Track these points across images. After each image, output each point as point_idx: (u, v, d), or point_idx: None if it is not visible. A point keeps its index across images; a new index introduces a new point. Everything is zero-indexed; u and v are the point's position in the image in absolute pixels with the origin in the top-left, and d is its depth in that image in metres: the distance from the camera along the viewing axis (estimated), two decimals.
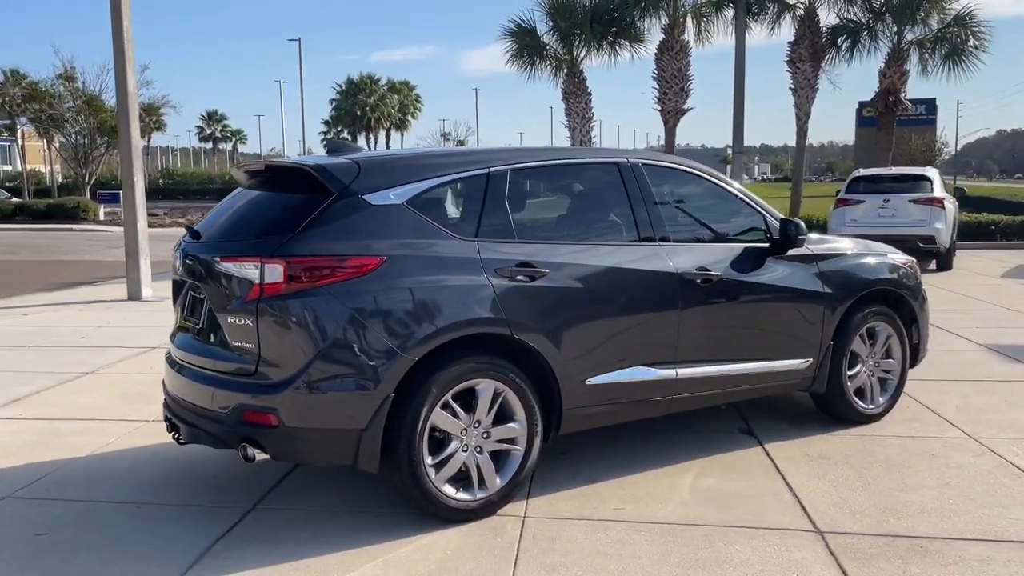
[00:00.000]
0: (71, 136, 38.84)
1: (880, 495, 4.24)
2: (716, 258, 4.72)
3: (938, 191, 14.13)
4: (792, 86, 19.66)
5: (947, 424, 5.42)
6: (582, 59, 19.43)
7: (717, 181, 5.03)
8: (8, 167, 72.73)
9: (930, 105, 46.31)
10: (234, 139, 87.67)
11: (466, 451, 3.92)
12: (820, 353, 5.13)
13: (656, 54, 19.51)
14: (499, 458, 4.05)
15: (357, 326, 3.64)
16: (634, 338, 4.39)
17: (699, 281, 4.57)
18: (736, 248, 4.89)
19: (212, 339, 3.95)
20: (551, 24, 19.20)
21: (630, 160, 4.66)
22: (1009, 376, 6.70)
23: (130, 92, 11.69)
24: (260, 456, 3.68)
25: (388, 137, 69.65)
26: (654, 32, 19.59)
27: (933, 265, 14.20)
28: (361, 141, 65.93)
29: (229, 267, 3.75)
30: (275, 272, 3.61)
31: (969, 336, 8.37)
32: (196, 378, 3.94)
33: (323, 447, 3.70)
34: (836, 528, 3.86)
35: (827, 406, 5.42)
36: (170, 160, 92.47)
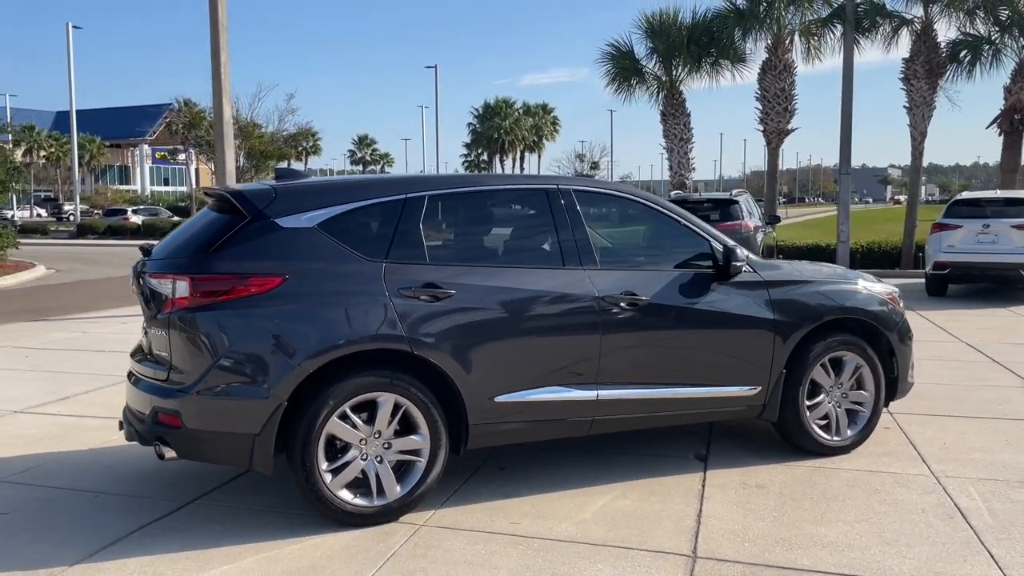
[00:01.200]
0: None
1: (786, 526, 4.18)
2: (647, 283, 4.77)
3: None
4: (907, 104, 18.76)
5: (918, 460, 5.20)
6: (681, 81, 19.32)
7: (657, 207, 5.08)
8: (183, 188, 79.35)
9: None
10: (382, 162, 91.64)
11: (365, 460, 4.18)
12: (770, 381, 5.06)
13: (759, 74, 19.12)
14: (402, 468, 4.28)
15: (253, 339, 4.00)
16: (549, 359, 4.52)
17: (624, 305, 4.65)
18: (671, 273, 4.92)
19: (150, 350, 4.40)
20: (650, 46, 19.23)
21: (560, 186, 4.81)
22: None
23: (225, 120, 12.70)
24: (169, 454, 4.08)
25: (522, 159, 70.94)
26: (757, 51, 19.27)
27: None
28: (497, 164, 67.39)
29: (154, 283, 4.20)
30: (182, 288, 4.02)
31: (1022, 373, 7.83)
32: (138, 385, 4.39)
33: (220, 448, 4.06)
34: (713, 555, 3.86)
35: (787, 436, 5.32)
36: None
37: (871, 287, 5.49)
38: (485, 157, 71.58)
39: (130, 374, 4.65)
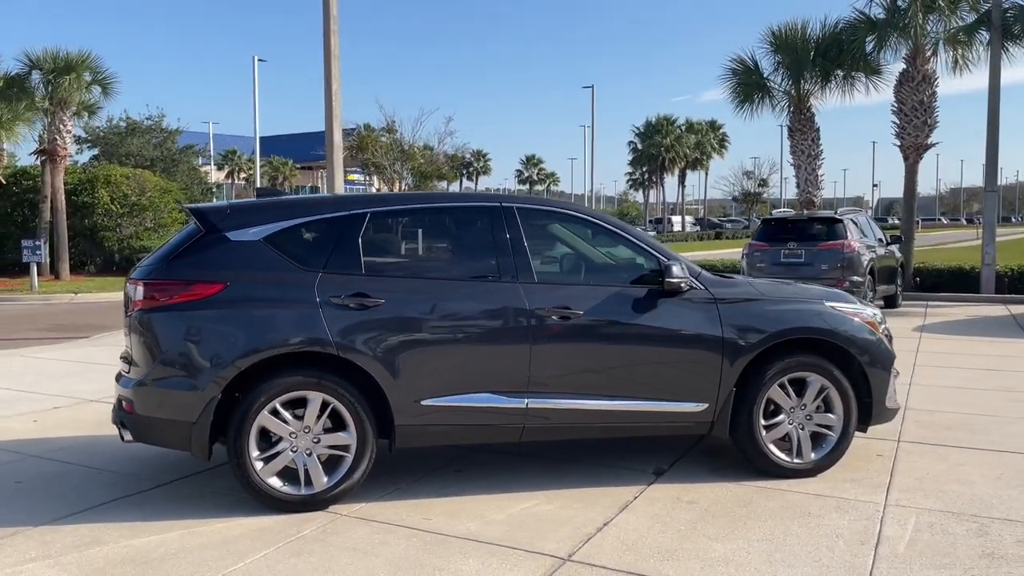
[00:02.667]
0: (388, 181, 44.14)
1: (683, 540, 4.22)
2: (583, 297, 4.92)
3: None
4: None
5: (882, 489, 5.00)
6: (810, 95, 18.63)
7: (603, 224, 5.21)
8: None
9: None
10: (548, 181, 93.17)
11: (295, 452, 4.61)
12: (718, 398, 5.04)
13: (895, 86, 18.10)
14: (331, 462, 4.67)
15: (194, 338, 4.53)
16: (477, 367, 4.77)
17: (556, 318, 4.83)
18: (611, 288, 5.03)
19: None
20: (776, 60, 18.70)
21: (503, 204, 5.05)
22: None
23: (336, 145, 13.69)
24: (128, 436, 4.68)
25: (683, 176, 69.95)
26: (893, 62, 18.27)
27: None
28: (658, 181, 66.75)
29: (128, 288, 4.83)
30: (139, 292, 4.62)
31: None
32: (118, 378, 5.03)
33: (164, 433, 4.62)
34: (585, 560, 3.98)
35: (746, 456, 5.26)
36: None
37: (840, 307, 5.32)
38: (645, 175, 71.23)
39: (119, 375, 5.31)
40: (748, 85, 18.79)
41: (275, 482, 4.59)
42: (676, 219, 70.73)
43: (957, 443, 6.02)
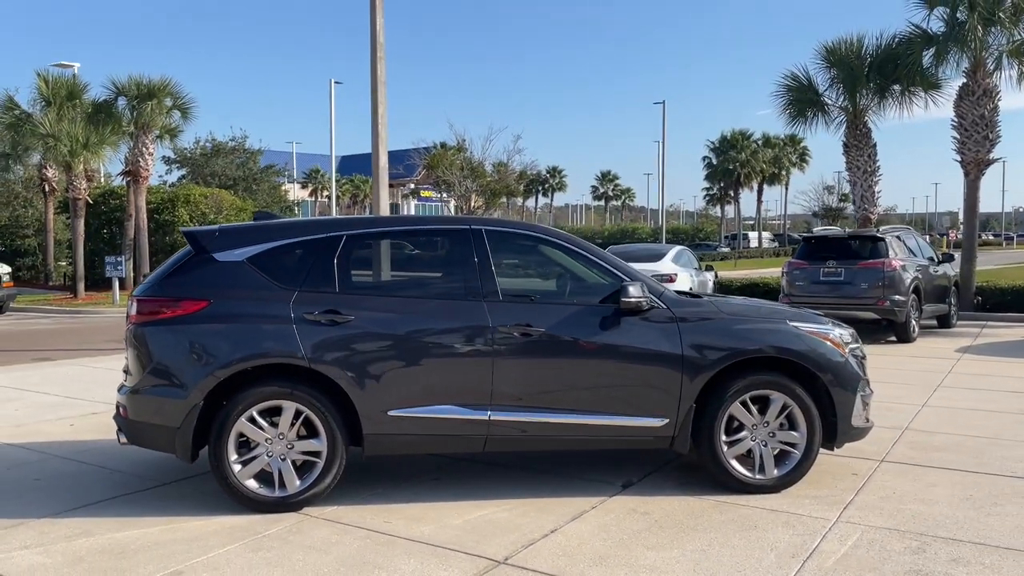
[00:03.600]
0: (458, 198, 44.91)
1: (621, 548, 4.41)
2: (546, 315, 5.17)
3: None
4: None
5: (839, 506, 5.09)
6: (866, 110, 18.32)
7: (571, 246, 5.44)
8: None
9: None
10: (623, 196, 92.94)
11: (271, 456, 4.98)
12: (678, 414, 5.21)
13: (955, 100, 17.65)
14: (304, 466, 5.03)
15: (178, 350, 4.96)
16: (441, 380, 5.07)
17: (517, 335, 5.09)
18: (574, 307, 5.27)
19: None
20: (831, 76, 18.46)
21: (472, 227, 5.35)
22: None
23: (381, 167, 14.21)
24: (123, 439, 5.14)
25: (760, 191, 68.85)
26: (953, 76, 17.82)
27: None
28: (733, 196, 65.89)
29: (128, 303, 5.31)
30: (133, 307, 5.09)
31: None
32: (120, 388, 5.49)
33: (151, 437, 5.05)
34: (519, 564, 4.22)
35: (708, 471, 5.39)
36: (570, 218, 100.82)
37: (803, 327, 5.41)
38: (720, 190, 70.42)
39: (122, 386, 5.78)
40: (802, 102, 18.60)
41: (252, 484, 4.97)
42: (753, 235, 69.64)
43: (941, 464, 6.01)
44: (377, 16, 13.79)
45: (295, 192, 70.12)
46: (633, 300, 5.12)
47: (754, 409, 5.31)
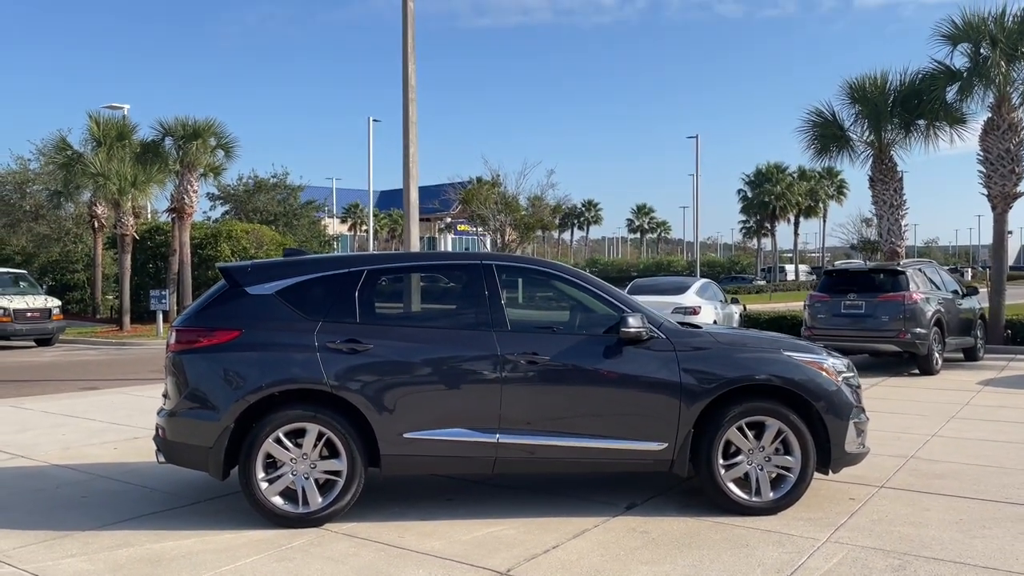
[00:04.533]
0: (493, 232, 45.50)
1: (616, 564, 4.71)
2: (551, 344, 5.54)
3: None
4: None
5: (831, 528, 5.33)
6: (891, 145, 18.48)
7: (576, 280, 5.82)
8: None
9: None
10: (659, 229, 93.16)
11: (295, 475, 5.38)
12: (677, 439, 5.51)
13: (981, 134, 17.77)
14: (325, 485, 5.42)
15: (212, 376, 5.40)
16: (453, 404, 5.44)
17: (524, 362, 5.46)
18: (578, 336, 5.64)
19: None
20: (855, 111, 18.68)
21: (483, 261, 5.75)
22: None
23: (412, 203, 14.74)
24: (161, 459, 5.59)
25: (797, 224, 68.65)
26: (978, 111, 17.95)
27: None
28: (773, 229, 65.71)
29: (168, 333, 5.77)
30: (173, 336, 5.55)
31: None
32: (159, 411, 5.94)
33: (187, 456, 5.48)
34: (521, 575, 4.54)
35: (707, 494, 5.68)
36: (606, 251, 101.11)
37: (797, 357, 5.70)
38: (755, 222, 70.27)
39: (160, 409, 6.23)
40: (826, 137, 18.82)
41: (277, 500, 5.36)
42: (790, 267, 69.33)
43: (939, 491, 6.22)
44: (409, 62, 14.40)
45: (334, 227, 71.40)
46: (633, 330, 5.47)
47: (750, 434, 5.60)
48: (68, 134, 27.54)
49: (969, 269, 75.78)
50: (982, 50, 17.39)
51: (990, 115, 17.75)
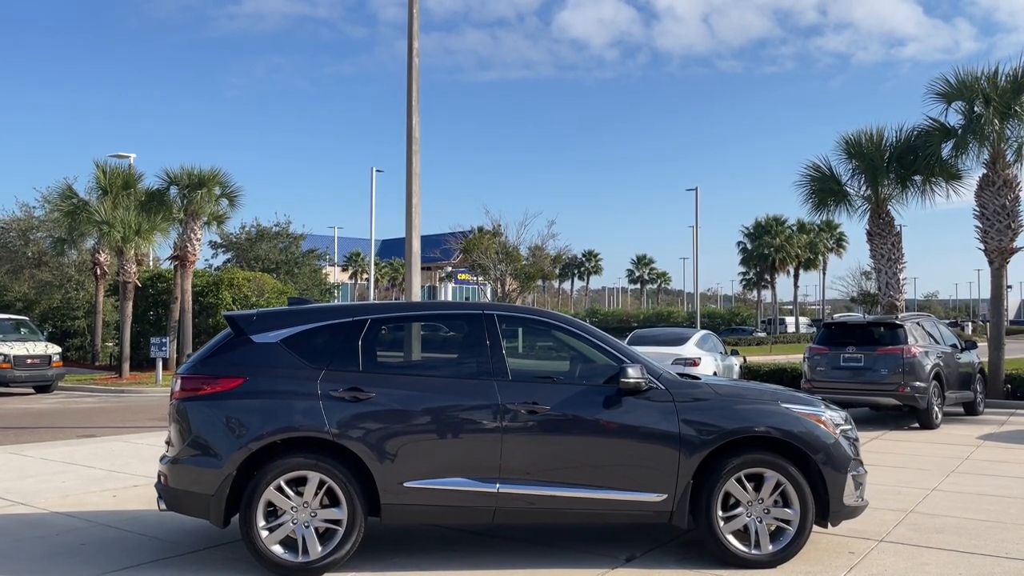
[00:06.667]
0: (493, 281, 45.67)
1: None
2: (551, 394, 5.59)
3: None
4: None
5: None
6: (888, 199, 18.71)
7: (576, 330, 5.89)
8: None
9: None
10: (659, 280, 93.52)
11: (295, 524, 5.39)
12: (676, 490, 5.54)
13: (976, 190, 17.99)
14: (325, 534, 5.42)
15: (215, 423, 5.44)
16: (454, 453, 5.48)
17: (524, 412, 5.50)
18: (578, 387, 5.69)
19: None
20: (852, 167, 18.95)
21: (485, 312, 5.83)
22: None
23: (414, 253, 14.87)
24: (162, 506, 5.60)
25: (796, 276, 68.93)
26: (973, 167, 18.21)
27: None
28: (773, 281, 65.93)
29: (172, 381, 5.83)
30: (177, 383, 5.61)
31: None
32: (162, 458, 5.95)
33: (188, 503, 5.50)
34: None
35: (706, 546, 5.68)
36: (606, 301, 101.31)
37: (795, 409, 5.74)
38: (754, 275, 70.52)
39: (162, 456, 6.25)
40: (824, 191, 19.05)
41: (277, 549, 5.36)
42: (790, 319, 69.41)
43: (939, 545, 6.21)
44: (413, 116, 14.67)
45: (335, 275, 71.62)
46: (632, 381, 5.52)
47: (749, 486, 5.62)
48: (74, 182, 27.88)
49: (969, 323, 75.76)
50: (976, 108, 17.69)
51: (985, 171, 17.98)
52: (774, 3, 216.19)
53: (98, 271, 31.25)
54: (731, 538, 5.58)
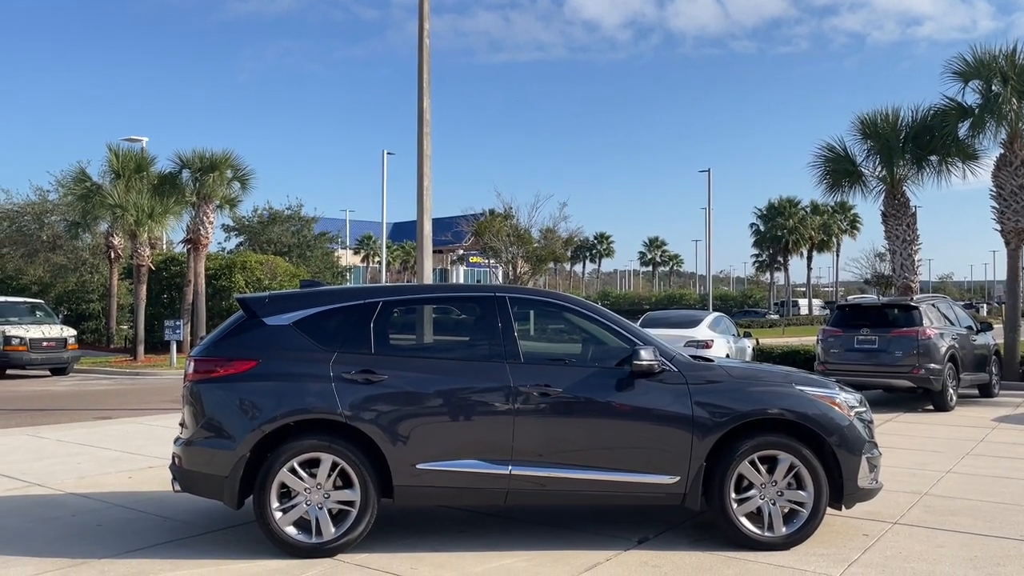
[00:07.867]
0: (505, 264, 45.64)
1: None
2: (564, 376, 5.57)
3: None
4: None
5: (844, 563, 5.33)
6: (903, 180, 18.55)
7: (588, 312, 5.87)
8: None
9: None
10: (672, 263, 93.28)
11: (309, 505, 5.41)
12: (689, 472, 5.52)
13: (993, 170, 17.82)
14: (339, 515, 5.45)
15: (229, 405, 5.46)
16: (466, 436, 5.48)
17: (536, 394, 5.49)
18: (590, 369, 5.67)
19: None
20: (867, 147, 18.78)
21: (496, 294, 5.82)
22: None
23: (426, 235, 14.86)
24: (176, 487, 5.63)
25: (810, 257, 68.62)
26: (990, 147, 18.01)
27: None
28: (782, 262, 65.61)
29: (186, 363, 5.85)
30: (191, 366, 5.63)
31: None
32: (176, 440, 5.98)
33: (202, 485, 5.52)
34: None
35: (719, 528, 5.67)
36: (618, 284, 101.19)
37: (809, 391, 5.71)
38: (768, 256, 70.17)
39: (177, 438, 6.28)
40: (838, 172, 18.90)
41: (291, 530, 5.39)
42: (803, 301, 69.19)
43: (954, 527, 6.18)
44: (424, 97, 14.61)
45: (347, 258, 71.78)
46: (645, 363, 5.50)
47: (763, 468, 5.60)
48: (88, 166, 28.05)
49: (984, 305, 75.29)
50: (993, 87, 17.49)
51: (1002, 151, 17.80)
52: None
53: (112, 254, 31.45)
54: (744, 520, 5.57)
